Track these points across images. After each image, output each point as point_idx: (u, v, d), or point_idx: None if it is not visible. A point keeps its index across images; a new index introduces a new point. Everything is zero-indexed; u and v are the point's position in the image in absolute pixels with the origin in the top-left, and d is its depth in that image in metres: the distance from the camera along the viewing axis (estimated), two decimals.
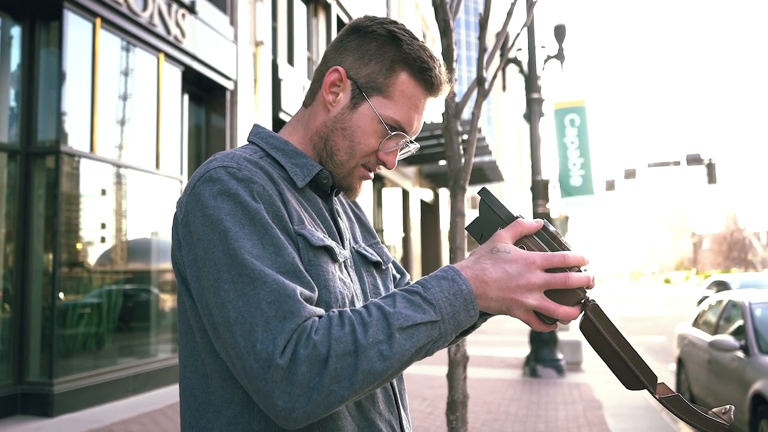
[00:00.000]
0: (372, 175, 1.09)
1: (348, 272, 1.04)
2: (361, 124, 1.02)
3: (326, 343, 0.81)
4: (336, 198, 1.13)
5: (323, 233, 1.00)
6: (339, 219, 1.09)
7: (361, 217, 1.23)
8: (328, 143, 1.04)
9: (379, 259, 1.15)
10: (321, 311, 0.87)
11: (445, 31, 2.19)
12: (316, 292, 0.90)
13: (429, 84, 1.03)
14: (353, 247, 1.11)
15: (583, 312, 0.90)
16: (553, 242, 0.93)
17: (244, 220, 0.88)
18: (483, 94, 2.31)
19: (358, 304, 1.02)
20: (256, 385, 0.81)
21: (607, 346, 0.89)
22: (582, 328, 0.91)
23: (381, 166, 1.08)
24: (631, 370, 0.88)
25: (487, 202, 0.97)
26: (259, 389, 0.81)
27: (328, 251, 0.98)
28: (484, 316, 1.05)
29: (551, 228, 0.94)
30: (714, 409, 0.87)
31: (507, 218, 0.95)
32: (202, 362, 0.96)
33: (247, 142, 1.09)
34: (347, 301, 0.98)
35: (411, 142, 1.07)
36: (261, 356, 0.80)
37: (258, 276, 0.84)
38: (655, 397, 0.88)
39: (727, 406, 0.88)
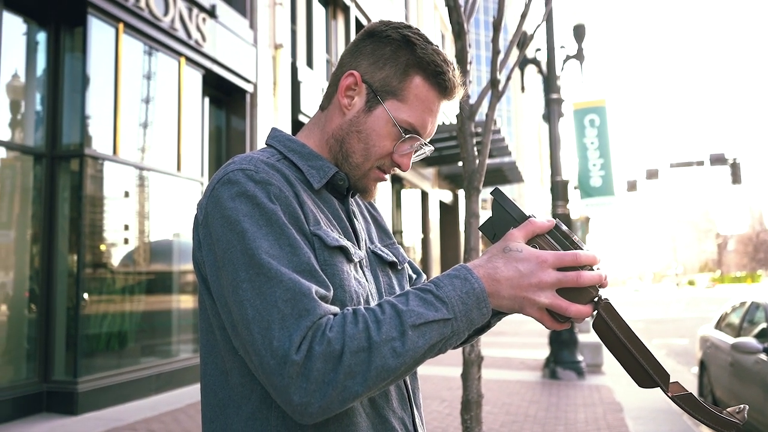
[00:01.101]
0: (387, 177, 1.11)
1: (363, 272, 1.06)
2: (376, 127, 1.04)
3: (340, 339, 0.83)
4: (352, 199, 1.15)
5: (339, 234, 1.02)
6: (355, 220, 1.11)
7: (378, 218, 1.25)
8: (343, 146, 1.06)
9: (394, 259, 1.16)
10: (336, 309, 0.89)
11: (459, 34, 2.20)
12: (332, 291, 0.92)
13: (443, 87, 1.05)
14: (369, 248, 1.12)
15: (596, 310, 0.91)
16: (565, 241, 0.94)
17: (261, 221, 0.91)
18: (497, 96, 2.32)
19: (373, 303, 1.04)
20: (272, 380, 0.83)
21: (619, 344, 0.90)
22: (595, 326, 0.91)
23: (396, 169, 1.10)
24: (643, 368, 0.89)
25: (500, 201, 0.98)
26: (275, 384, 0.83)
27: (343, 251, 1.00)
28: (498, 315, 1.06)
29: (563, 227, 0.95)
30: (729, 409, 0.87)
31: (519, 218, 0.96)
32: (222, 359, 0.98)
33: (265, 146, 1.12)
34: (362, 300, 1.00)
35: (425, 144, 1.09)
36: (277, 353, 0.83)
37: (275, 275, 0.87)
38: (668, 395, 0.88)
39: (742, 406, 0.88)
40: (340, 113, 1.07)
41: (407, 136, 1.04)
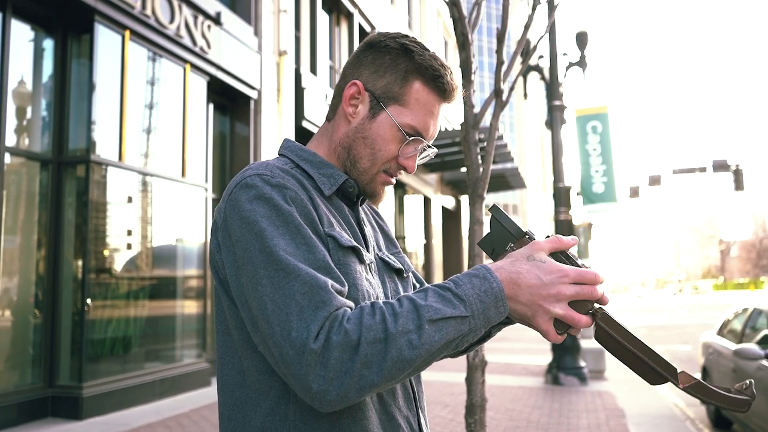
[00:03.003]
0: (394, 180, 1.15)
1: (372, 276, 1.10)
2: (381, 132, 1.09)
3: (358, 330, 0.87)
4: (361, 207, 1.19)
5: (350, 236, 1.07)
6: (364, 226, 1.16)
7: (384, 227, 1.29)
8: (351, 152, 1.11)
9: (401, 266, 1.20)
10: (351, 303, 0.93)
11: (464, 45, 2.24)
12: (346, 287, 0.96)
13: (442, 90, 1.10)
14: (377, 254, 1.16)
15: (595, 322, 0.96)
16: (560, 256, 0.99)
17: (278, 221, 0.95)
18: (501, 106, 2.35)
19: None
20: (292, 369, 0.87)
21: (623, 349, 0.94)
22: (597, 337, 0.96)
23: (402, 172, 1.14)
24: (651, 367, 0.93)
25: (498, 218, 1.03)
26: (294, 373, 0.87)
27: (356, 252, 1.04)
28: (499, 325, 1.10)
29: None
30: (736, 386, 0.92)
31: (517, 233, 1.01)
32: (239, 359, 1.02)
33: (278, 155, 1.16)
34: (373, 300, 1.03)
35: (428, 146, 1.14)
36: (296, 343, 0.86)
37: (292, 270, 0.91)
38: (679, 387, 0.93)
39: (748, 381, 0.92)
40: (345, 122, 1.12)
41: (411, 138, 1.09)
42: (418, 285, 1.29)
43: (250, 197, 0.98)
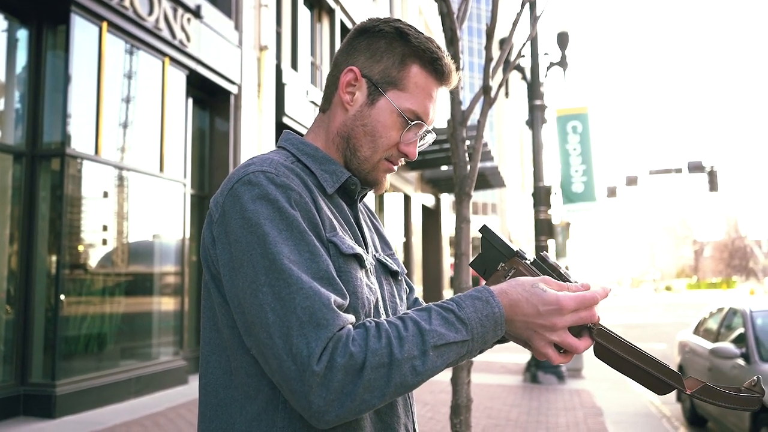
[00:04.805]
0: (395, 168, 1.12)
1: (371, 278, 1.07)
2: (381, 119, 1.05)
3: (363, 354, 0.85)
4: (359, 205, 1.16)
5: (351, 240, 1.03)
6: (363, 226, 1.12)
7: (379, 228, 1.26)
8: (350, 141, 1.07)
9: (397, 268, 1.18)
10: (352, 318, 0.91)
11: (452, 40, 2.22)
12: (348, 299, 0.93)
13: (440, 73, 1.07)
14: (374, 255, 1.13)
15: (593, 339, 0.95)
16: (553, 273, 0.99)
17: (281, 225, 0.91)
18: (489, 103, 2.34)
19: (381, 310, 1.06)
20: (291, 385, 0.85)
21: (625, 363, 0.93)
22: (596, 354, 0.95)
23: (403, 159, 1.11)
24: (656, 377, 0.92)
25: (488, 238, 1.04)
26: (294, 389, 0.85)
27: (357, 258, 1.01)
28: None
29: (549, 260, 1.00)
30: (744, 384, 0.91)
31: (507, 253, 1.02)
32: (227, 358, 0.98)
33: (277, 148, 1.12)
34: (372, 306, 1.01)
35: (429, 131, 1.11)
36: (297, 359, 0.84)
37: (295, 281, 0.87)
38: (687, 394, 0.92)
39: (756, 378, 0.91)
40: (342, 110, 1.08)
41: (412, 123, 1.06)
42: (407, 290, 1.27)
43: (253, 196, 0.93)
